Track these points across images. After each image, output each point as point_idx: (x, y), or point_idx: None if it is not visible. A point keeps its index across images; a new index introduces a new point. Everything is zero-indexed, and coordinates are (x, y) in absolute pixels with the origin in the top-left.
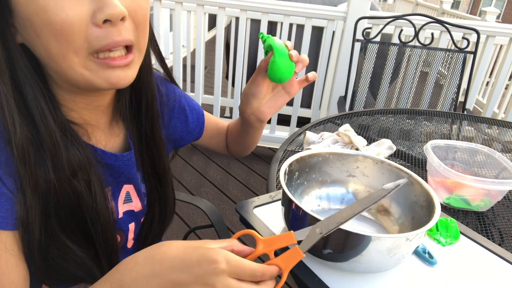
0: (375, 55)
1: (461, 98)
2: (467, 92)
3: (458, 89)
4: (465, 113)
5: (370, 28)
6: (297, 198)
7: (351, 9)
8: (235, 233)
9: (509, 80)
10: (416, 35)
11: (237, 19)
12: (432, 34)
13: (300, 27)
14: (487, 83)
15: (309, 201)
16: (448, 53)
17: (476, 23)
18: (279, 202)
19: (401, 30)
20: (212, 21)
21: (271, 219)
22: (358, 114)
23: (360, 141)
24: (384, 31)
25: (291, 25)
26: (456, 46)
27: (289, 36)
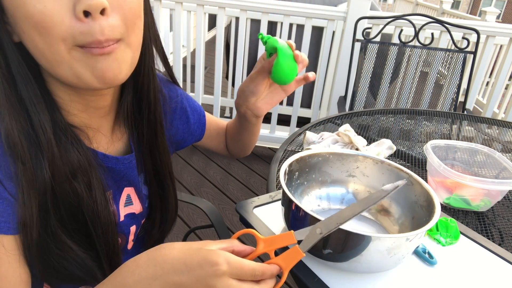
0: (375, 55)
1: (461, 98)
2: (467, 92)
3: (458, 89)
4: (465, 113)
5: (370, 28)
6: (297, 198)
7: (351, 9)
8: (235, 233)
9: (509, 80)
10: (416, 35)
11: (237, 19)
12: (432, 34)
13: (300, 27)
14: (487, 83)
15: (309, 201)
16: (448, 53)
17: (476, 23)
18: (279, 202)
19: (401, 30)
20: (212, 21)
21: (271, 219)
22: (358, 114)
23: (360, 141)
24: (384, 31)
25: (291, 25)
26: (456, 46)
27: (289, 36)
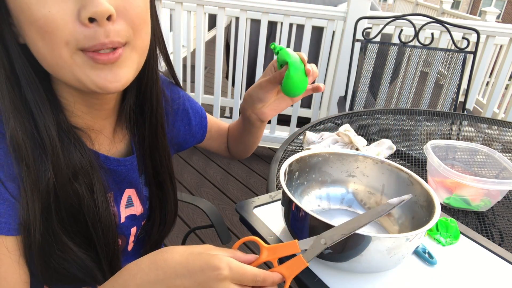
0: (375, 55)
1: (461, 98)
2: (467, 92)
3: (458, 89)
4: (465, 113)
5: (370, 28)
6: (297, 198)
7: (351, 9)
8: (238, 240)
9: (509, 80)
10: (416, 35)
11: (237, 19)
12: (432, 34)
13: (300, 27)
14: (487, 83)
15: (309, 201)
16: (448, 53)
17: (476, 23)
18: (279, 202)
19: (401, 30)
20: (212, 21)
21: (271, 219)
22: (358, 114)
23: (360, 141)
24: (384, 31)
25: (291, 25)
26: (456, 46)
27: (289, 36)
